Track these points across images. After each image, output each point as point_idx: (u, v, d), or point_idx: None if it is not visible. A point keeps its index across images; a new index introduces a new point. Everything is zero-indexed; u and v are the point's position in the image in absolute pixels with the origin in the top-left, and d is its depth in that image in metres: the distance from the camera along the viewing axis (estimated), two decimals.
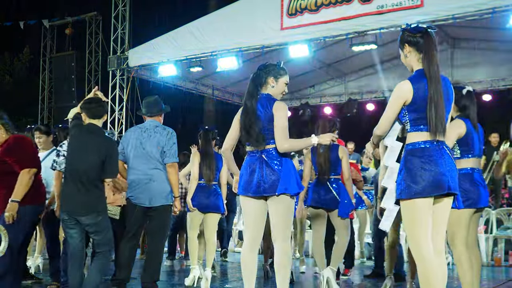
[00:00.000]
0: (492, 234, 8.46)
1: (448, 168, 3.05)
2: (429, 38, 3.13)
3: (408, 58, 3.19)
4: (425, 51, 3.11)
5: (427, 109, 3.02)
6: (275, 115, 3.73)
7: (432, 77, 3.05)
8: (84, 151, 4.31)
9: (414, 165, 3.03)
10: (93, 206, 4.27)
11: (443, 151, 3.08)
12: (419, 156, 3.03)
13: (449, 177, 3.04)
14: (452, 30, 10.85)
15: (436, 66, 3.08)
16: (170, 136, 5.09)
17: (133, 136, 5.11)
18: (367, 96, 14.73)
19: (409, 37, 3.17)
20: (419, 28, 3.18)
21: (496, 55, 12.03)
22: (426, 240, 3.02)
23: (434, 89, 3.03)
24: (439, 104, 3.02)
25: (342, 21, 9.66)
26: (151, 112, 5.23)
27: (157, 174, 5.01)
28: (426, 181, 2.99)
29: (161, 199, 5.00)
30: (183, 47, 11.38)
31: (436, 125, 3.01)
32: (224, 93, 15.00)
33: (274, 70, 4.01)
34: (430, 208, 3.04)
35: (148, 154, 5.01)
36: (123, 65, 12.40)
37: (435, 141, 3.05)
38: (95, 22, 16.77)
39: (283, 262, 3.78)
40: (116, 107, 12.64)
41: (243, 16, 10.72)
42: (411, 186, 3.01)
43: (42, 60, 17.73)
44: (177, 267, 8.16)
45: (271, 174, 3.68)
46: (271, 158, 3.71)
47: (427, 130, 3.06)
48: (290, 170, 3.73)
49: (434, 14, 8.92)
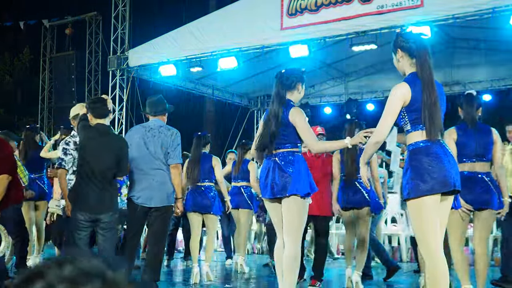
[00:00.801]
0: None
1: (452, 165, 3.09)
2: (422, 44, 3.21)
3: (401, 62, 3.27)
4: (417, 57, 3.17)
5: (421, 110, 3.07)
6: (295, 120, 3.82)
7: (425, 80, 3.10)
8: (101, 152, 4.42)
9: (421, 163, 3.04)
10: (112, 204, 4.45)
11: (445, 149, 3.12)
12: (425, 154, 3.05)
13: (454, 174, 3.08)
14: (452, 30, 10.84)
15: (428, 71, 3.14)
16: (174, 137, 5.05)
17: (136, 136, 5.05)
18: (367, 96, 14.73)
19: (402, 42, 3.25)
20: (413, 34, 3.31)
21: (496, 55, 12.02)
22: (435, 238, 3.04)
23: (427, 92, 3.07)
24: (432, 106, 3.06)
25: (342, 21, 9.65)
26: (156, 111, 5.16)
27: (160, 174, 4.97)
28: (434, 178, 3.01)
29: (164, 200, 4.96)
30: (183, 47, 11.37)
31: (430, 126, 3.05)
32: (224, 93, 15.00)
33: (302, 76, 4.11)
34: (438, 206, 3.06)
35: (152, 154, 4.95)
36: (123, 65, 12.39)
37: (435, 141, 3.08)
38: (95, 22, 16.78)
39: (291, 266, 3.74)
40: (116, 107, 12.63)
41: (243, 16, 10.71)
42: (420, 185, 3.02)
43: (42, 60, 17.73)
44: (177, 267, 8.16)
45: (283, 176, 3.77)
46: (284, 161, 3.81)
47: (424, 129, 3.09)
48: (301, 171, 3.80)
49: (434, 14, 8.92)
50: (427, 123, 3.05)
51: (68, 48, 17.24)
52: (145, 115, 5.35)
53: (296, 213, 3.78)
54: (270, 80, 16.01)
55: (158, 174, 4.95)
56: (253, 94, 15.72)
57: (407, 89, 3.10)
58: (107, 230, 4.43)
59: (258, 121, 16.31)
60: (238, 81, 14.05)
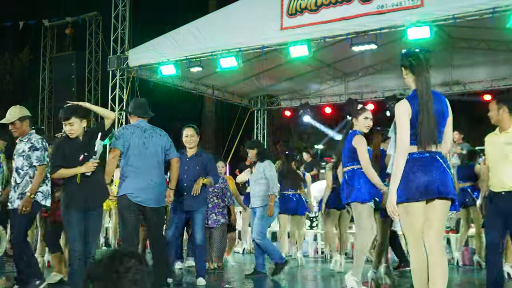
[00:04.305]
0: None
1: (438, 175, 3.40)
2: (420, 60, 3.54)
3: (406, 79, 3.63)
4: (417, 73, 3.54)
5: (417, 124, 3.43)
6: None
7: (423, 95, 3.48)
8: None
9: (407, 173, 3.42)
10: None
11: (435, 160, 3.43)
12: (411, 165, 3.43)
13: (439, 182, 3.39)
14: (452, 30, 10.83)
15: (426, 86, 3.50)
16: (167, 136, 5.31)
17: (134, 136, 5.12)
18: (367, 96, 14.72)
19: (403, 61, 3.61)
20: (411, 52, 3.62)
21: (496, 55, 12.03)
22: (417, 241, 3.44)
23: (424, 106, 3.44)
24: (427, 119, 3.41)
25: (342, 21, 9.64)
26: (146, 113, 5.33)
27: (157, 175, 5.11)
28: (415, 187, 3.39)
29: (161, 201, 5.16)
30: (183, 47, 11.36)
31: (425, 138, 3.41)
32: (224, 93, 14.99)
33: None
34: (421, 211, 3.43)
35: (151, 155, 5.09)
36: (123, 65, 12.38)
37: (426, 152, 3.43)
38: (95, 22, 16.79)
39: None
40: (116, 107, 12.62)
41: (243, 16, 10.70)
42: (404, 192, 3.40)
43: (42, 60, 17.74)
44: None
45: (346, 188, 5.15)
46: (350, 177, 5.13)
47: (418, 143, 3.45)
48: (359, 182, 5.03)
49: (434, 14, 8.92)
50: (421, 134, 3.42)
51: (68, 48, 17.27)
52: (131, 116, 5.41)
53: (358, 218, 5.02)
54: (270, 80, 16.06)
55: (155, 175, 5.08)
56: (253, 94, 15.71)
57: (407, 105, 3.48)
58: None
59: (258, 121, 16.32)
60: (238, 81, 14.04)
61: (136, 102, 5.50)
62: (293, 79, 14.30)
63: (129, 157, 5.07)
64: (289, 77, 14.13)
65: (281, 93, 15.89)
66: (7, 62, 21.60)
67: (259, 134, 16.43)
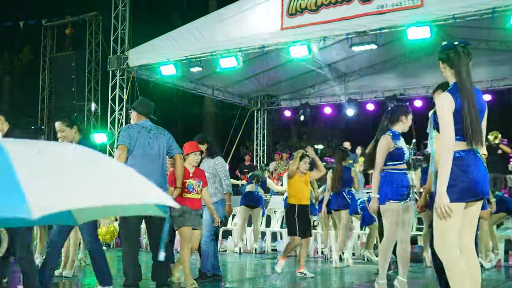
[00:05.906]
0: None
1: (482, 175, 3.28)
2: (458, 53, 3.44)
3: (445, 73, 3.51)
4: (456, 66, 3.43)
5: (462, 121, 3.25)
6: None
7: (464, 90, 3.34)
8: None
9: (452, 173, 3.21)
10: None
11: (478, 159, 3.31)
12: (456, 164, 3.23)
13: (483, 183, 3.27)
14: (452, 30, 10.83)
15: (467, 80, 3.39)
16: (169, 134, 5.30)
17: (140, 135, 5.11)
18: (367, 96, 14.73)
19: (441, 54, 3.49)
20: (449, 45, 3.52)
21: (496, 55, 12.02)
22: (456, 245, 3.25)
23: (467, 101, 3.28)
24: (473, 116, 3.26)
25: (342, 21, 9.65)
26: (150, 113, 5.32)
27: (161, 175, 5.11)
28: (462, 188, 3.21)
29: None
30: (183, 47, 11.36)
31: (472, 135, 3.24)
32: (224, 93, 14.99)
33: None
34: (461, 213, 3.26)
35: (156, 154, 5.10)
36: (123, 65, 12.38)
37: (471, 150, 3.28)
38: (95, 22, 16.77)
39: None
40: (116, 107, 12.63)
41: (243, 16, 10.71)
42: (449, 192, 3.19)
43: (42, 60, 17.73)
44: None
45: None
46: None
47: (463, 140, 3.27)
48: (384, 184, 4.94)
49: (434, 14, 8.92)
50: (469, 131, 3.23)
51: (68, 48, 17.25)
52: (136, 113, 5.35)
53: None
54: (270, 80, 16.06)
55: (158, 175, 5.05)
56: (253, 94, 15.72)
57: (450, 97, 3.30)
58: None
59: (258, 121, 16.32)
60: (238, 81, 14.05)
61: (144, 101, 5.44)
62: (293, 79, 14.30)
63: (134, 157, 5.05)
64: (289, 77, 14.14)
65: (281, 93, 15.90)
66: (7, 62, 21.61)
67: (259, 134, 16.44)
